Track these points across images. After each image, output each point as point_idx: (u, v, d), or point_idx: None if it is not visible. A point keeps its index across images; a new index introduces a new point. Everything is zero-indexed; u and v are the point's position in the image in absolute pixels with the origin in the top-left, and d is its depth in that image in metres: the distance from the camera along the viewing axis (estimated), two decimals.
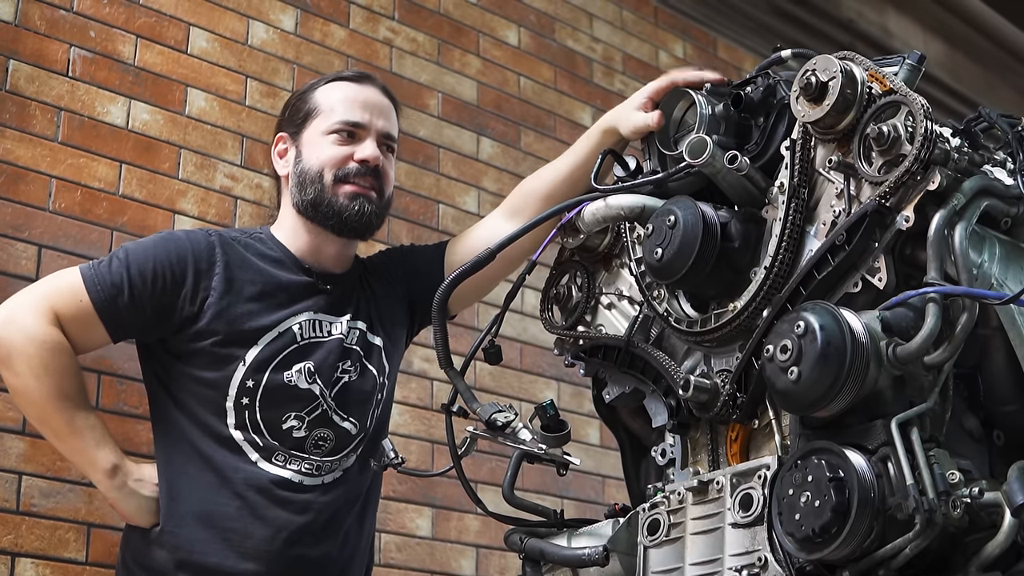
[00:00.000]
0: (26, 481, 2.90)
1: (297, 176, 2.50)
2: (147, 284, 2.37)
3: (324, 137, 2.49)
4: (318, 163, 2.48)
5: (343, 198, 2.46)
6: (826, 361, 1.62)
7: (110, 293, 2.35)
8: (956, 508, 1.57)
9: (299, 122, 2.54)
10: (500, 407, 2.05)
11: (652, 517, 1.91)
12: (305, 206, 2.48)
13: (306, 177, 2.48)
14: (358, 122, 2.50)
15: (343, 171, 2.47)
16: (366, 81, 2.58)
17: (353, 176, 2.47)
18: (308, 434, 2.39)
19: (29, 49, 3.18)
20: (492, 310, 3.75)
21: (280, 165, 2.57)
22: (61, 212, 3.13)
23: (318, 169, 2.47)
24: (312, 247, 2.52)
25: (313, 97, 2.54)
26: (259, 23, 3.67)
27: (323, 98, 2.53)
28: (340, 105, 2.51)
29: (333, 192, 2.46)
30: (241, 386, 2.37)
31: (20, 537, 2.86)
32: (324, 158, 2.48)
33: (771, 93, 2.03)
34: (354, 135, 2.50)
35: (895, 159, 1.75)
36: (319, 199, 2.46)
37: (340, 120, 2.49)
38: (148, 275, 2.37)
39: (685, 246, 1.93)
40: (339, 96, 2.52)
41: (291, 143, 2.55)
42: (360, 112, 2.51)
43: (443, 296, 2.14)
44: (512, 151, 4.21)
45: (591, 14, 4.62)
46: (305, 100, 2.55)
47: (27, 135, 3.12)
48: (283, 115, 2.62)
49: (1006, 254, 1.79)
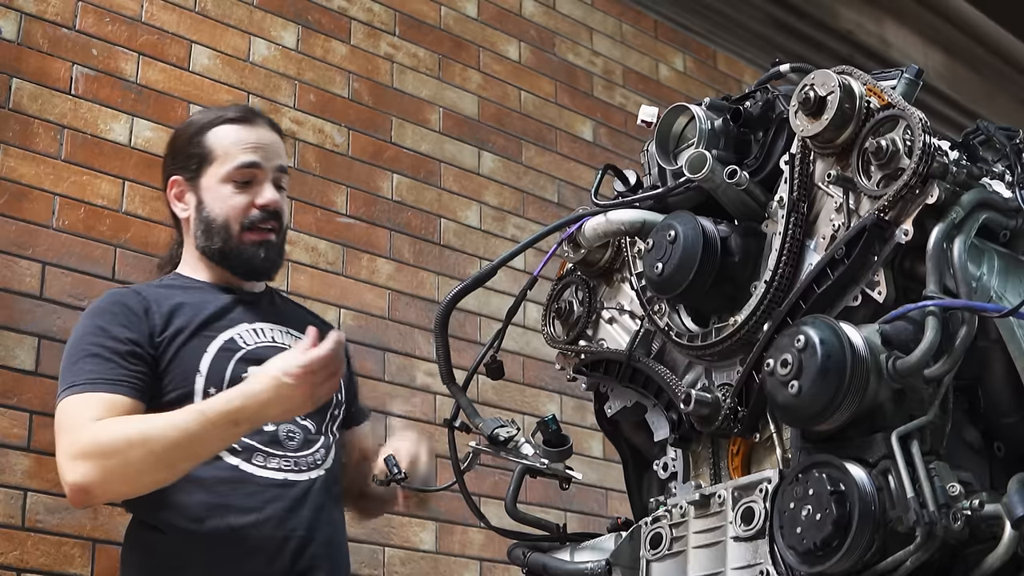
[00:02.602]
0: (31, 497, 2.91)
1: (202, 224, 2.59)
2: (120, 342, 2.41)
3: (223, 185, 2.57)
4: (222, 214, 2.57)
5: (250, 247, 2.57)
6: (826, 375, 1.62)
7: (105, 375, 2.37)
8: (957, 520, 1.57)
9: (194, 167, 2.60)
10: (502, 422, 2.06)
11: (654, 531, 1.91)
12: (212, 253, 2.59)
13: (212, 227, 2.57)
14: (255, 161, 2.58)
15: (248, 220, 2.57)
16: (255, 119, 2.66)
17: (258, 222, 2.57)
18: (276, 427, 2.44)
19: (32, 67, 3.20)
20: (495, 324, 3.77)
21: (179, 208, 2.64)
22: (64, 230, 3.14)
23: (223, 220, 2.57)
24: (223, 279, 2.61)
25: (205, 142, 2.60)
26: (260, 40, 3.68)
27: (216, 142, 2.59)
28: (234, 148, 2.58)
29: (239, 240, 2.56)
30: (204, 395, 2.41)
31: (25, 553, 2.87)
32: (227, 209, 2.56)
33: (770, 107, 2.03)
34: (251, 177, 2.58)
35: (894, 173, 1.76)
36: (226, 248, 2.57)
37: (236, 165, 2.57)
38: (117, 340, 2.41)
39: (685, 260, 1.93)
40: (232, 139, 2.59)
41: (188, 187, 2.61)
42: (254, 154, 2.59)
43: (445, 312, 2.14)
44: (513, 165, 4.22)
45: (591, 28, 4.64)
46: (198, 144, 2.60)
47: (30, 153, 3.14)
48: (173, 156, 2.67)
49: (1005, 267, 1.79)
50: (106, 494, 2.38)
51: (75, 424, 2.32)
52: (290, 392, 2.29)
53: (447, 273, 3.91)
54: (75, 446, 2.30)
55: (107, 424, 2.31)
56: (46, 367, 3.01)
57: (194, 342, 2.46)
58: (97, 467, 2.28)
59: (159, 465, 2.30)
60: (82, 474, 2.27)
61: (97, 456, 2.28)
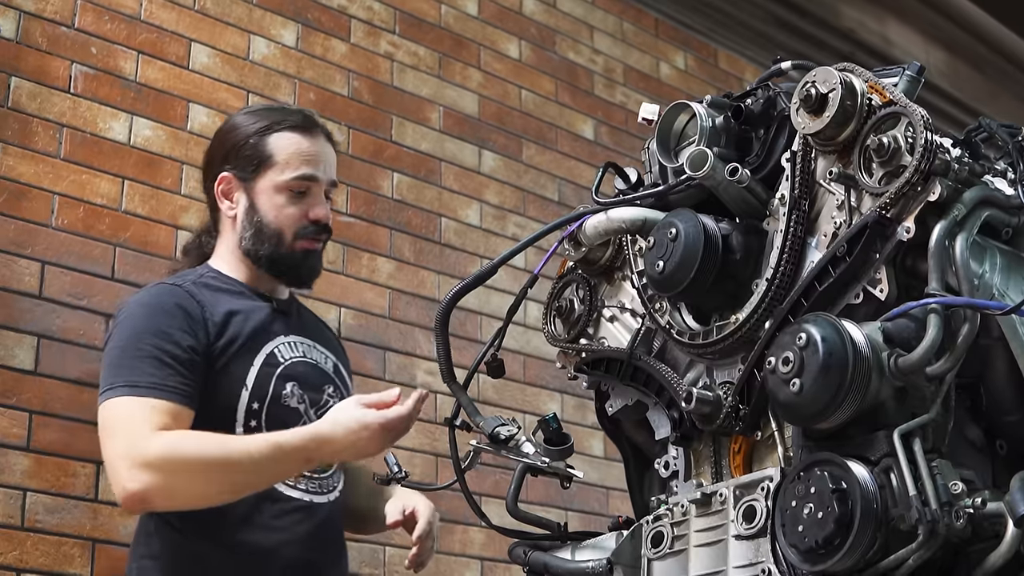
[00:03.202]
0: (30, 497, 2.91)
1: (252, 227, 2.59)
2: (182, 350, 2.41)
3: (278, 193, 2.58)
4: (276, 222, 2.58)
5: (299, 255, 2.59)
6: (828, 373, 1.62)
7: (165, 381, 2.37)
8: (959, 519, 1.57)
9: (251, 169, 2.59)
10: (503, 420, 2.06)
11: (656, 529, 1.90)
12: (259, 257, 2.59)
13: (264, 232, 2.58)
14: (313, 175, 2.60)
15: (301, 230, 2.58)
16: (314, 129, 2.65)
17: (310, 234, 2.60)
18: None
19: (31, 66, 3.20)
20: (495, 323, 3.77)
21: (225, 205, 2.62)
22: (64, 229, 3.14)
23: (276, 228, 2.58)
24: (255, 279, 2.62)
25: (266, 145, 2.59)
26: (260, 38, 3.68)
27: (277, 148, 2.59)
28: (295, 158, 2.59)
29: (291, 248, 2.58)
30: (248, 409, 2.44)
31: (25, 553, 2.86)
32: (282, 217, 2.58)
33: (771, 105, 2.03)
34: (306, 188, 2.59)
35: (895, 170, 1.75)
36: (275, 254, 2.58)
37: (295, 176, 2.58)
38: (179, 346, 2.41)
39: (687, 258, 1.93)
40: (293, 149, 2.60)
41: (239, 186, 2.60)
42: (314, 167, 2.60)
43: (445, 310, 2.14)
44: (514, 164, 4.22)
45: (592, 26, 4.63)
46: (257, 146, 2.59)
47: (29, 152, 3.14)
48: (226, 152, 2.64)
49: (1007, 264, 1.79)
50: (165, 506, 2.37)
51: (137, 429, 2.31)
52: (364, 445, 2.33)
53: (448, 272, 3.90)
54: (141, 454, 2.28)
55: (181, 438, 2.32)
56: (45, 367, 3.01)
57: (242, 355, 2.48)
58: (164, 480, 2.28)
59: (225, 487, 2.33)
60: (146, 484, 2.27)
61: (166, 470, 2.28)
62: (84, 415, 3.02)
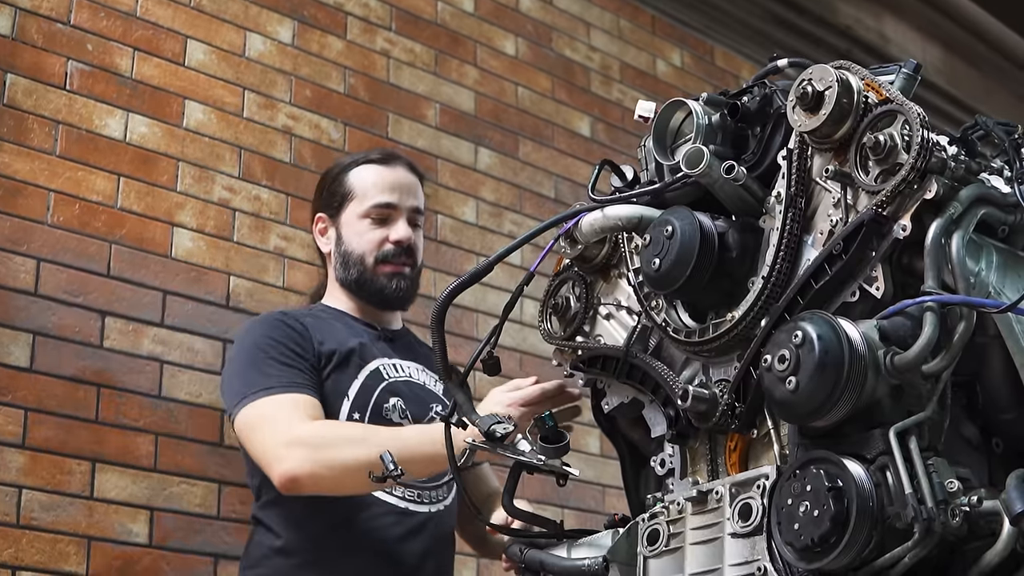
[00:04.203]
0: (26, 495, 2.91)
1: (341, 257, 2.82)
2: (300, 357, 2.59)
3: (360, 221, 2.80)
4: (359, 248, 2.79)
5: (383, 278, 2.79)
6: (824, 371, 1.62)
7: (295, 379, 2.53)
8: (955, 517, 1.57)
9: (336, 205, 2.84)
10: (499, 418, 2.05)
11: (652, 527, 1.90)
12: (350, 283, 2.81)
13: (349, 259, 2.80)
14: (390, 202, 2.79)
15: (382, 254, 2.78)
16: (394, 161, 2.86)
17: (391, 257, 2.76)
18: None
19: (26, 63, 3.19)
20: (491, 320, 3.76)
21: (323, 243, 2.89)
22: (59, 226, 3.13)
23: (359, 253, 2.79)
24: (360, 309, 2.81)
25: (347, 181, 2.82)
26: (256, 35, 3.67)
27: (356, 181, 2.83)
28: (373, 189, 2.80)
29: (374, 272, 2.78)
30: (348, 419, 2.57)
31: (20, 551, 2.86)
32: (363, 243, 2.79)
33: (767, 103, 2.02)
34: (387, 216, 2.77)
35: (892, 168, 1.75)
36: (362, 279, 2.79)
37: (374, 204, 2.80)
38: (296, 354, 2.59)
39: (683, 256, 1.92)
40: (371, 180, 2.82)
41: (330, 223, 2.87)
42: (391, 194, 2.80)
43: (441, 308, 2.14)
44: (510, 161, 4.22)
45: (588, 23, 4.63)
46: (340, 183, 2.85)
47: (25, 149, 3.13)
48: (319, 195, 2.91)
49: (1003, 262, 1.79)
50: (313, 483, 2.44)
51: (287, 417, 2.45)
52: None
53: (444, 269, 3.90)
54: (294, 434, 2.42)
55: (329, 421, 2.49)
56: (40, 364, 3.01)
57: (344, 367, 2.62)
58: (314, 455, 2.40)
59: (374, 461, 2.28)
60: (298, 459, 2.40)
61: (315, 444, 2.41)
62: (79, 412, 3.02)
